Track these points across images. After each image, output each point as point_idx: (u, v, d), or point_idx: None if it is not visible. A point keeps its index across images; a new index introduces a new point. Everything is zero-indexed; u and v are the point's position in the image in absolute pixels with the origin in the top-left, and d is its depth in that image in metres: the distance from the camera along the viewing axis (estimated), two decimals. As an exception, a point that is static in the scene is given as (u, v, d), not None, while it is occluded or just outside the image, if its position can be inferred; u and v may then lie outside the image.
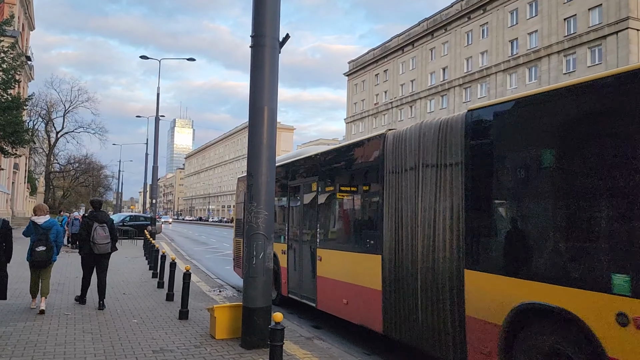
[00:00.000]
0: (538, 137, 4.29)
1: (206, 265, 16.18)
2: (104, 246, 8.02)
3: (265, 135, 5.72)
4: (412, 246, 5.52)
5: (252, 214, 5.62)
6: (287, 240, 9.24)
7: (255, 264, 5.59)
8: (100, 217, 8.10)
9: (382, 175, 6.12)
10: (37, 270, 7.65)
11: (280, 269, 9.37)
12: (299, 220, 8.90)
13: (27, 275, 7.95)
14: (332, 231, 7.97)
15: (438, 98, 57.59)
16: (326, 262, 7.70)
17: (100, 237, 7.92)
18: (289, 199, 9.42)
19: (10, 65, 27.45)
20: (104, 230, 7.97)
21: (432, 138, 5.47)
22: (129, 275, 12.14)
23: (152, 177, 28.29)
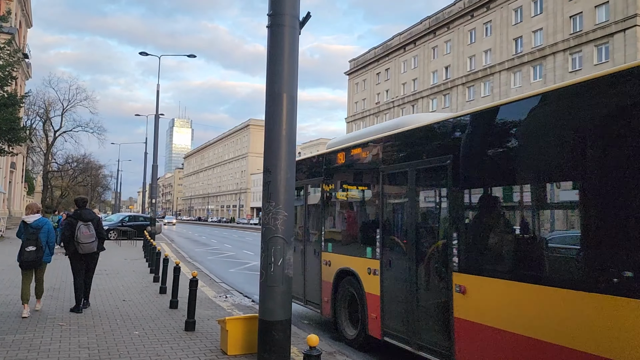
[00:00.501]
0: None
1: (209, 267, 15.51)
2: (88, 245, 7.61)
3: (284, 125, 5.06)
4: None
5: (269, 214, 4.97)
6: (381, 253, 6.15)
7: (273, 272, 4.93)
8: (84, 215, 7.75)
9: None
10: (29, 272, 7.33)
11: (364, 296, 6.43)
12: (411, 222, 5.69)
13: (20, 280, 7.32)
14: (502, 244, 4.69)
15: (440, 97, 56.96)
16: (479, 297, 4.62)
17: (84, 236, 7.55)
18: (381, 191, 6.27)
19: (6, 62, 26.82)
20: (88, 229, 7.61)
21: None
22: (129, 279, 11.47)
23: (151, 176, 27.59)
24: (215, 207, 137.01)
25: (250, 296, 10.11)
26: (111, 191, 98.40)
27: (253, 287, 11.66)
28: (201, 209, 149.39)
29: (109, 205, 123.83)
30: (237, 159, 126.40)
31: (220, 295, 9.85)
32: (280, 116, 5.08)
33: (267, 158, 5.13)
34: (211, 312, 7.92)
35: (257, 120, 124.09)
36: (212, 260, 18.53)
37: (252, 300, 9.52)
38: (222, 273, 14.27)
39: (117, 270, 13.05)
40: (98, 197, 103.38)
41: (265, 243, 5.00)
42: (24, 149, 53.28)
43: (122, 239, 25.29)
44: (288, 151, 5.07)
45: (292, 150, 5.12)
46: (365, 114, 72.09)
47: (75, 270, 7.78)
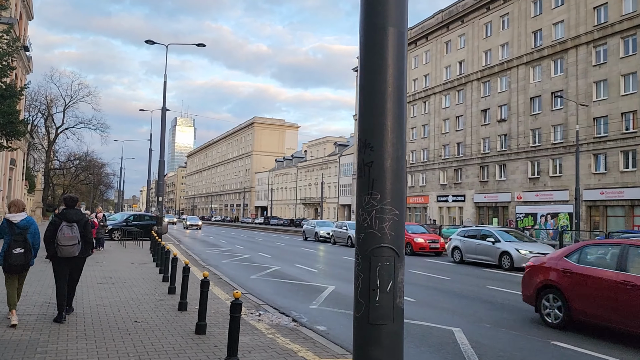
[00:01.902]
0: None
1: (227, 273, 13.78)
2: (67, 248, 6.92)
3: (390, 75, 3.29)
4: None
5: (371, 213, 3.19)
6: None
7: (379, 302, 3.16)
8: (70, 215, 7.10)
9: None
10: (14, 277, 6.71)
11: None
12: None
13: None
14: None
15: (454, 93, 55.14)
16: None
17: (64, 238, 6.89)
18: None
19: (4, 51, 25.27)
20: (71, 231, 6.97)
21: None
22: (139, 289, 9.75)
23: (158, 172, 25.90)
24: (218, 206, 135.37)
25: (287, 312, 8.40)
26: (114, 190, 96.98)
27: (284, 298, 9.94)
28: (204, 207, 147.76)
29: (112, 204, 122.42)
30: (241, 157, 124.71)
31: (252, 311, 8.11)
32: (385, 61, 3.30)
33: (364, 127, 3.34)
34: (249, 338, 6.19)
35: (262, 118, 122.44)
36: (227, 264, 16.79)
37: (293, 319, 7.79)
38: (243, 280, 12.54)
39: (124, 277, 11.32)
40: (100, 196, 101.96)
41: (363, 256, 3.23)
42: (25, 145, 51.74)
43: (127, 239, 23.58)
44: (397, 115, 3.31)
45: (401, 114, 3.36)
46: (374, 111, 70.33)
47: (57, 275, 7.10)
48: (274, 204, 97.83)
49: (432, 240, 22.46)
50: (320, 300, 9.68)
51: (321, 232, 32.78)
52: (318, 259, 20.38)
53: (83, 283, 10.04)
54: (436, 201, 56.62)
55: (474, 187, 50.90)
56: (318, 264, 17.89)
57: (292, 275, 14.00)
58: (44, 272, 10.58)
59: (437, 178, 56.75)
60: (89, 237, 7.33)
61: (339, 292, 10.85)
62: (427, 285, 12.58)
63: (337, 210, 79.50)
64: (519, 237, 18.11)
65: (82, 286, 9.68)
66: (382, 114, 3.32)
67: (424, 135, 59.64)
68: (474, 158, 50.82)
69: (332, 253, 23.38)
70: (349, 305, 9.24)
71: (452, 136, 54.96)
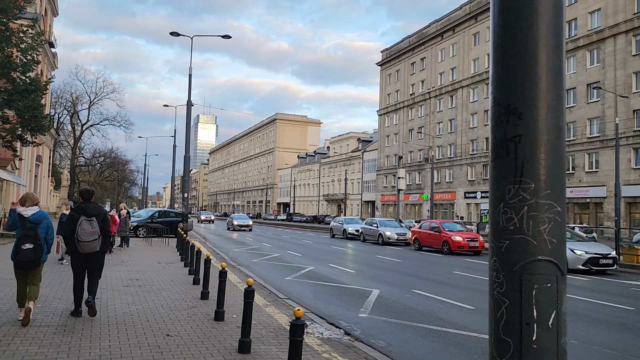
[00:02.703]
0: None
1: (259, 274, 12.89)
2: (89, 244, 6.70)
3: (546, 20, 2.26)
4: None
5: (522, 210, 2.17)
6: None
7: (537, 342, 2.14)
8: (88, 209, 6.87)
9: None
10: (24, 273, 6.39)
11: None
12: None
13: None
14: None
15: (482, 86, 53.46)
16: None
17: (85, 234, 6.67)
18: None
19: (29, 45, 24.94)
20: (90, 226, 6.73)
21: None
22: (168, 293, 8.89)
23: (183, 168, 25.21)
24: (241, 203, 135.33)
25: (336, 322, 7.43)
26: (138, 187, 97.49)
27: (328, 304, 8.98)
28: (227, 204, 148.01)
29: (136, 201, 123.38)
30: (264, 154, 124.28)
31: (296, 321, 7.17)
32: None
33: (506, 85, 2.30)
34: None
35: (284, 115, 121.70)
36: (258, 264, 15.91)
37: (346, 332, 6.81)
38: (279, 282, 11.61)
39: (152, 279, 10.50)
40: (125, 193, 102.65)
41: (508, 274, 2.19)
42: (51, 142, 51.90)
43: (153, 236, 22.94)
44: (556, 69, 2.28)
45: (561, 67, 2.33)
46: (399, 106, 68.98)
47: (75, 270, 6.92)
48: (297, 200, 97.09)
49: (471, 239, 21.22)
50: (369, 307, 8.69)
51: (349, 229, 31.71)
52: (351, 258, 19.38)
53: (108, 286, 9.25)
54: (464, 197, 55.07)
55: (504, 183, 49.24)
56: (353, 263, 16.89)
57: (329, 276, 13.03)
58: (67, 273, 9.84)
59: (465, 174, 55.18)
60: (107, 231, 7.07)
61: (385, 298, 9.84)
62: (479, 289, 11.48)
63: (361, 207, 78.35)
64: (571, 236, 16.79)
65: (107, 289, 8.89)
66: (534, 64, 2.29)
67: (451, 130, 58.08)
68: (504, 153, 49.14)
69: (365, 252, 22.35)
70: (401, 314, 8.23)
71: (480, 131, 53.31)
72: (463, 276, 13.77)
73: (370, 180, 76.94)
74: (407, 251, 22.82)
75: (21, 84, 23.45)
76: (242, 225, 42.03)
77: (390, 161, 70.08)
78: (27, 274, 6.40)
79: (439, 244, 21.63)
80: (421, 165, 62.46)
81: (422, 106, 64.43)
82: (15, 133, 24.14)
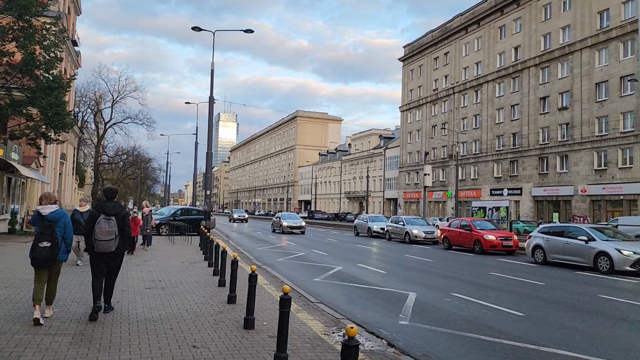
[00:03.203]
0: None
1: (287, 274, 12.30)
2: (105, 243, 6.55)
3: None
4: None
5: None
6: None
7: None
8: (108, 208, 6.71)
9: None
10: (42, 271, 6.35)
11: None
12: None
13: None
14: None
15: (509, 80, 52.00)
16: None
17: (102, 233, 6.53)
18: None
19: (51, 43, 24.77)
20: (108, 225, 6.59)
21: None
22: (192, 296, 8.34)
23: (205, 165, 24.80)
24: (262, 200, 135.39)
25: (375, 330, 6.77)
26: (160, 184, 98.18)
27: (364, 309, 8.32)
28: (248, 202, 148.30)
29: (158, 199, 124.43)
30: (284, 151, 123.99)
31: (332, 329, 6.53)
32: None
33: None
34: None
35: (305, 112, 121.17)
36: (283, 263, 15.34)
37: (388, 343, 6.16)
38: (308, 284, 11.00)
39: (175, 280, 9.98)
40: (147, 190, 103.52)
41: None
42: (75, 140, 52.27)
43: (175, 234, 22.57)
44: None
45: None
46: (422, 101, 67.79)
47: (93, 270, 6.77)
48: (318, 198, 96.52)
49: (505, 238, 20.27)
50: (408, 313, 8.00)
51: (374, 227, 30.92)
52: (379, 257, 18.67)
53: (130, 288, 8.76)
54: (489, 195, 53.70)
55: (531, 179, 47.82)
56: (382, 263, 16.18)
57: (360, 277, 12.37)
58: (86, 275, 9.39)
59: (491, 170, 53.84)
60: (127, 232, 6.90)
61: (423, 302, 9.14)
62: (524, 292, 10.69)
63: (383, 204, 77.40)
64: (615, 235, 15.79)
65: (129, 292, 8.39)
66: None
67: (476, 126, 56.74)
68: (532, 149, 47.71)
69: (392, 250, 21.62)
70: (446, 321, 7.53)
71: (507, 126, 51.89)
72: (502, 278, 12.96)
73: (392, 177, 75.94)
74: (436, 250, 22.01)
75: (44, 82, 23.32)
76: (294, 227, 33.40)
77: (412, 158, 68.98)
78: (44, 272, 6.35)
79: (470, 243, 20.76)
80: (445, 162, 61.26)
81: (445, 102, 63.17)
82: (38, 130, 24.04)
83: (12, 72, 23.36)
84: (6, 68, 23.32)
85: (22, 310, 6.75)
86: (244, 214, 62.14)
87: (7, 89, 23.08)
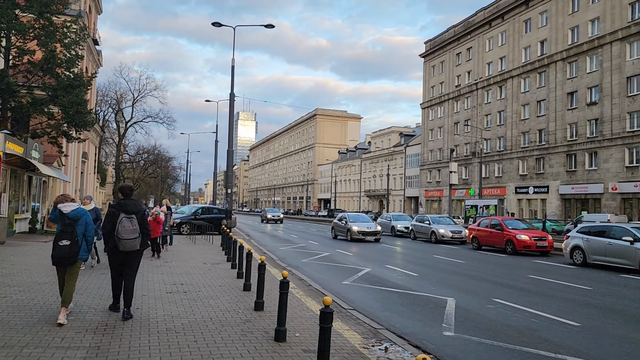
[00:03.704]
0: None
1: (314, 277, 11.67)
2: (130, 242, 6.48)
3: None
4: None
5: None
6: None
7: None
8: (128, 206, 6.63)
9: None
10: (63, 270, 6.35)
11: None
12: None
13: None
14: None
15: (535, 75, 50.58)
16: None
17: (125, 231, 6.46)
18: None
19: (72, 41, 24.61)
20: (131, 223, 6.51)
21: None
22: (217, 302, 7.77)
23: (227, 162, 24.34)
24: (281, 199, 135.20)
25: (419, 343, 6.10)
26: (180, 183, 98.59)
27: (401, 317, 7.64)
28: (267, 200, 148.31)
29: (178, 197, 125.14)
30: (304, 149, 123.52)
31: (371, 342, 5.88)
32: None
33: None
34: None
35: (324, 110, 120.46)
36: (308, 264, 14.72)
37: (437, 358, 5.49)
38: (336, 287, 10.37)
39: (198, 284, 9.44)
40: (168, 189, 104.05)
41: None
42: (96, 139, 52.50)
43: (197, 233, 22.14)
44: None
45: None
46: (443, 98, 66.58)
47: (113, 268, 6.74)
48: (337, 196, 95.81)
49: (539, 238, 19.30)
50: (451, 322, 7.29)
51: (398, 226, 30.06)
52: (407, 258, 17.90)
53: (151, 292, 8.24)
54: (514, 193, 52.41)
55: (559, 177, 46.41)
56: (411, 264, 15.44)
57: (391, 280, 11.68)
58: (105, 277, 8.92)
59: (516, 168, 52.50)
60: (146, 229, 6.78)
61: (465, 309, 8.41)
62: (572, 298, 9.87)
63: (404, 203, 76.37)
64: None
65: (149, 296, 7.87)
66: None
67: (500, 123, 55.41)
68: (559, 146, 46.29)
69: (419, 250, 20.84)
70: (495, 332, 6.81)
71: (532, 122, 50.50)
72: (542, 281, 12.13)
73: (413, 175, 74.85)
74: (465, 250, 21.17)
75: (65, 80, 23.18)
76: (367, 233, 25.22)
77: (434, 155, 67.81)
78: (64, 271, 6.32)
79: (502, 243, 19.85)
80: (468, 160, 60.02)
81: (468, 98, 61.89)
82: (60, 129, 23.92)
83: (34, 70, 23.27)
84: (27, 67, 23.24)
85: (35, 319, 6.26)
86: (278, 213, 54.55)
87: (28, 87, 22.97)
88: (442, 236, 24.84)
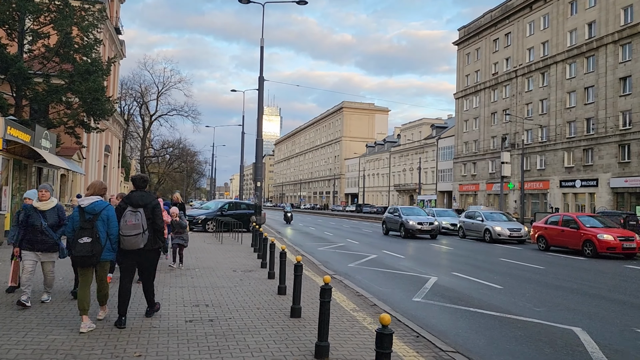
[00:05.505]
0: None
1: (372, 290, 9.16)
2: (131, 239, 5.55)
3: None
4: None
5: None
6: None
7: None
8: (134, 198, 5.73)
9: None
10: (86, 271, 5.57)
11: None
12: None
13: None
14: None
15: (582, 60, 46.93)
16: None
17: (127, 227, 5.55)
18: None
19: (90, 23, 22.81)
20: (134, 218, 5.58)
21: None
22: (256, 341, 5.36)
23: (255, 153, 22.09)
24: (307, 194, 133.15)
25: None
26: (206, 178, 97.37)
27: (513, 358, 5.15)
28: (293, 195, 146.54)
29: (204, 192, 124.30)
30: (330, 143, 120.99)
31: None
32: None
33: None
34: None
35: (350, 103, 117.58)
36: (358, 270, 12.20)
37: None
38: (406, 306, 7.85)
39: (228, 304, 7.06)
40: (193, 184, 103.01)
41: None
42: (120, 132, 51.08)
43: (224, 231, 19.80)
44: None
45: None
46: (479, 87, 63.15)
47: (122, 270, 5.83)
48: (365, 190, 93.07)
49: (625, 238, 16.35)
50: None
51: (444, 224, 27.19)
52: (470, 262, 15.01)
53: (164, 320, 5.91)
54: (559, 186, 48.93)
55: (610, 169, 42.85)
56: (482, 271, 12.72)
57: (473, 296, 9.08)
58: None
59: (560, 160, 48.96)
60: (159, 225, 5.89)
61: (616, 349, 5.83)
62: None
63: (436, 198, 73.26)
64: None
65: (159, 329, 5.52)
66: None
67: (543, 112, 51.87)
68: (610, 135, 42.68)
69: (478, 252, 18.08)
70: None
71: (579, 111, 46.90)
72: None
73: (445, 169, 71.69)
74: (531, 252, 18.38)
75: (82, 65, 21.45)
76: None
77: (469, 147, 64.53)
78: (88, 273, 5.63)
79: (578, 244, 17.00)
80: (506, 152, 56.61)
81: (506, 86, 58.41)
82: (77, 118, 22.18)
83: (49, 56, 21.58)
84: (42, 52, 21.58)
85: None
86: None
87: (44, 75, 21.33)
88: (499, 235, 21.96)
